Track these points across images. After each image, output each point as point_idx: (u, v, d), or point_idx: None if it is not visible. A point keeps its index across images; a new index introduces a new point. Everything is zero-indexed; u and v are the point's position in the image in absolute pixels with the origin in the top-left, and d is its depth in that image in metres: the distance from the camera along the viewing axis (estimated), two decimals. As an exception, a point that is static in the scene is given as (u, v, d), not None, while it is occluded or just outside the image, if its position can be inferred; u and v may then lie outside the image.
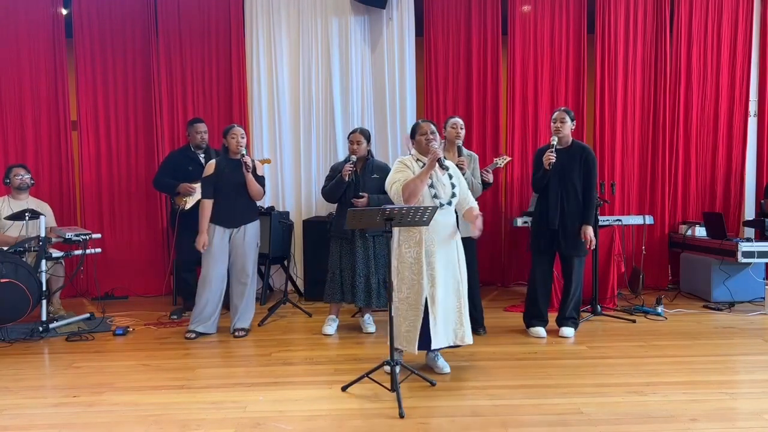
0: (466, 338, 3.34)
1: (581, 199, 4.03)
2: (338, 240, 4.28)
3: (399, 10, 5.85)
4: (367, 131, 4.31)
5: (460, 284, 3.33)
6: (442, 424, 2.69)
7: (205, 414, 2.85)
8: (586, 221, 4.02)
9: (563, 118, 4.04)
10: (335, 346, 4.03)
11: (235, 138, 4.22)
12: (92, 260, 5.06)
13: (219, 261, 4.22)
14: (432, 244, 3.24)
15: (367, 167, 4.25)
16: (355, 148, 4.20)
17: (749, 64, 5.85)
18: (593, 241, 4.04)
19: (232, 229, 4.24)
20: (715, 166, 5.91)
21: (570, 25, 5.88)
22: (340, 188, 4.18)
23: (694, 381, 3.22)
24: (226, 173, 4.21)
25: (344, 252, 4.25)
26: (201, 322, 4.24)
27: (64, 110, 5.85)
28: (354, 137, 4.23)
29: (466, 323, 3.33)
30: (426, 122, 3.43)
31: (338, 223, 4.26)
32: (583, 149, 4.07)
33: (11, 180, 5.00)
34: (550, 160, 3.96)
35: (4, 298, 4.07)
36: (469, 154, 4.25)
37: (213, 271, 4.20)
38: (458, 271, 3.33)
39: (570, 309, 4.15)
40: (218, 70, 5.88)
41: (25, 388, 3.27)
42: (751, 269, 5.16)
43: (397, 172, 3.34)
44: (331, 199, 4.30)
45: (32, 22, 5.79)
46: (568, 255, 4.08)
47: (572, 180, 4.02)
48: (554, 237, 4.07)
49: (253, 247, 4.30)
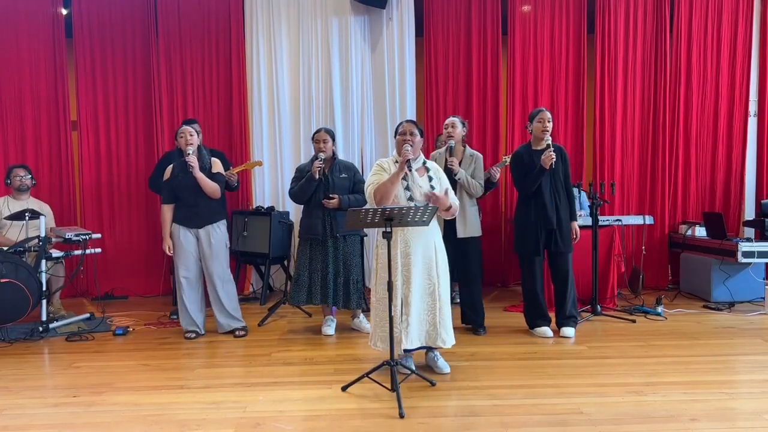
0: (439, 341, 3.25)
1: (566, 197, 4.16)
2: (307, 241, 4.23)
3: (399, 10, 5.85)
4: (332, 131, 4.27)
5: (437, 287, 3.26)
6: (442, 424, 2.69)
7: (205, 414, 2.85)
8: (574, 218, 4.19)
9: (550, 118, 4.10)
10: (335, 346, 4.03)
11: (183, 137, 4.17)
12: (92, 260, 5.07)
13: (188, 262, 4.17)
14: (408, 246, 3.22)
15: (334, 167, 4.23)
16: (321, 146, 4.15)
17: (749, 64, 5.86)
18: (579, 236, 4.22)
19: (196, 229, 4.20)
20: (715, 166, 5.91)
21: (570, 25, 5.88)
22: (310, 187, 4.13)
23: (694, 381, 3.21)
24: (181, 176, 4.17)
25: (315, 253, 4.20)
26: (193, 323, 4.24)
27: (64, 110, 5.85)
28: (320, 136, 4.18)
29: (441, 326, 3.26)
30: (409, 122, 3.35)
31: (308, 224, 4.21)
32: (560, 148, 4.17)
33: (11, 181, 5.00)
34: (553, 159, 3.97)
35: (4, 298, 4.07)
36: (471, 154, 4.23)
37: (190, 272, 4.18)
38: (435, 273, 3.27)
39: (569, 307, 4.16)
40: (218, 70, 5.89)
41: (25, 388, 3.27)
42: (751, 269, 5.16)
43: (372, 175, 3.32)
44: (300, 200, 4.22)
45: (32, 22, 5.79)
46: (564, 252, 4.11)
47: (560, 179, 4.12)
48: (550, 237, 4.10)
49: (222, 247, 4.24)
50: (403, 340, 3.19)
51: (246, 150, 5.87)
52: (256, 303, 5.43)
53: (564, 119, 5.89)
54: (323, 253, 4.19)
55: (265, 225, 5.32)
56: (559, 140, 5.80)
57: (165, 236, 4.20)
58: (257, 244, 5.36)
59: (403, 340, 3.19)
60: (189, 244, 4.18)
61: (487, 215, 5.86)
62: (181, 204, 4.19)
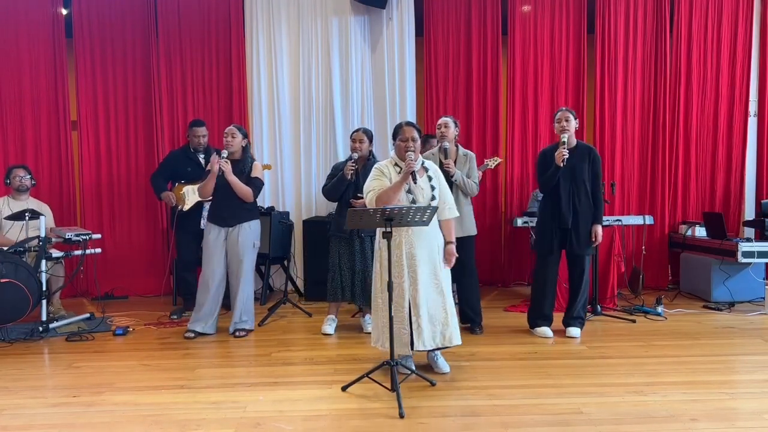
0: (454, 339, 3.28)
1: (591, 199, 4.06)
2: (337, 239, 4.31)
3: (399, 10, 5.85)
4: (369, 131, 4.33)
5: (443, 284, 3.29)
6: (442, 424, 2.69)
7: (205, 414, 2.85)
8: (598, 221, 4.07)
9: (568, 117, 4.04)
10: (335, 346, 4.03)
11: (226, 137, 4.23)
12: (92, 260, 5.06)
13: (215, 260, 4.21)
14: (412, 246, 3.23)
15: (367, 167, 4.25)
16: (357, 146, 4.21)
17: (749, 64, 5.85)
18: (600, 239, 4.11)
19: (227, 228, 4.23)
20: (715, 166, 5.91)
21: (570, 25, 5.88)
22: (341, 186, 4.19)
23: (694, 381, 3.21)
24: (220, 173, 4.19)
25: (342, 251, 4.29)
26: (199, 321, 4.24)
27: (64, 110, 5.85)
28: (357, 136, 4.24)
29: (452, 323, 3.28)
30: (409, 126, 3.33)
31: (337, 222, 4.28)
32: (590, 149, 4.11)
33: (11, 181, 4.99)
34: (564, 156, 3.93)
35: (4, 298, 4.07)
36: (465, 154, 4.24)
37: (209, 270, 4.21)
38: (440, 271, 3.30)
39: (578, 309, 4.15)
40: (218, 70, 5.88)
41: (25, 388, 3.27)
42: (751, 269, 5.16)
43: (372, 180, 3.31)
44: (332, 197, 4.32)
45: (32, 22, 5.79)
46: (580, 254, 4.07)
47: (583, 179, 4.04)
48: (565, 236, 4.07)
49: (250, 247, 4.27)
50: (415, 341, 3.19)
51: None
52: (257, 303, 5.40)
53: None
54: (350, 251, 4.27)
55: (265, 225, 5.30)
56: (559, 140, 5.79)
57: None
58: (257, 244, 5.35)
59: (416, 342, 3.19)
60: (217, 244, 4.22)
61: (488, 215, 5.86)
62: (215, 199, 4.23)
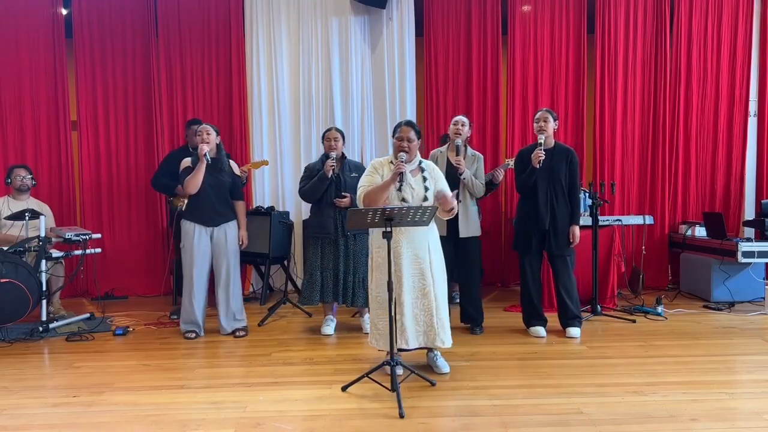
0: (438, 341, 3.24)
1: (568, 200, 4.07)
2: (318, 240, 4.24)
3: (399, 10, 5.85)
4: (341, 130, 4.30)
5: (432, 287, 3.24)
6: (442, 424, 2.69)
7: (205, 414, 2.85)
8: (575, 221, 4.09)
9: (546, 117, 4.06)
10: (335, 346, 4.03)
11: (201, 135, 4.16)
12: (92, 260, 5.07)
13: (201, 260, 4.17)
14: (399, 246, 3.22)
15: (344, 166, 4.25)
16: (332, 145, 4.17)
17: (749, 64, 5.85)
18: (578, 240, 4.10)
19: (212, 228, 4.21)
20: (715, 166, 5.91)
21: (570, 25, 5.88)
22: (322, 185, 4.14)
23: (694, 381, 3.21)
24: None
25: (326, 252, 4.22)
26: (188, 323, 4.23)
27: (64, 110, 5.85)
28: (331, 134, 4.20)
29: (439, 326, 3.24)
30: (407, 126, 3.32)
31: (319, 223, 4.22)
32: (568, 151, 4.13)
33: (12, 180, 5.00)
34: (540, 158, 3.97)
35: (4, 298, 4.07)
36: (473, 154, 4.24)
37: (194, 270, 4.16)
38: (430, 273, 3.25)
39: (573, 308, 4.15)
40: (218, 70, 5.88)
41: (25, 388, 3.27)
42: (751, 269, 5.15)
43: (366, 176, 3.33)
44: (311, 198, 4.23)
45: (32, 22, 5.79)
46: (559, 255, 4.09)
47: (560, 180, 4.06)
48: (544, 237, 4.10)
49: (235, 248, 4.26)
50: (398, 339, 3.19)
51: (246, 150, 5.87)
52: (256, 303, 5.43)
53: (564, 119, 5.88)
54: (335, 251, 4.20)
55: (265, 225, 5.32)
56: (559, 140, 5.78)
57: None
58: (257, 244, 5.34)
59: (398, 340, 3.20)
60: (203, 243, 4.19)
61: (488, 215, 5.86)
62: (198, 199, 4.18)
